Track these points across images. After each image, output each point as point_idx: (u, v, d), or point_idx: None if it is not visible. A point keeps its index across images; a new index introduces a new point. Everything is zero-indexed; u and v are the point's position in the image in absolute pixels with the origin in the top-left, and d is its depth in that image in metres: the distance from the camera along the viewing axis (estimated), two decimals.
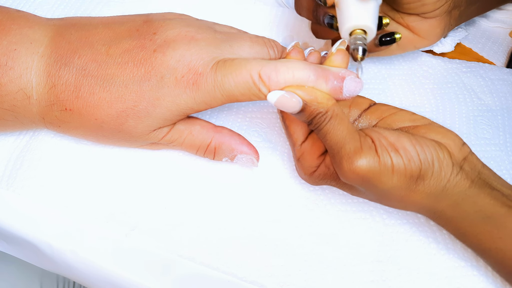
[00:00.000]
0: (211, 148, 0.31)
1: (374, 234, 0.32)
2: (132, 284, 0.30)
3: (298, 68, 0.26)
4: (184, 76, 0.27)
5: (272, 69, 0.26)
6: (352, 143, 0.26)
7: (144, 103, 0.27)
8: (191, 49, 0.28)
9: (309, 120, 0.26)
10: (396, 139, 0.27)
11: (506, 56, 0.44)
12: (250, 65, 0.27)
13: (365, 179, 0.26)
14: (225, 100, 0.28)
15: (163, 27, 0.29)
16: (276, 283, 0.30)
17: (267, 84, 0.26)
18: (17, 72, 0.27)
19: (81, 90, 0.27)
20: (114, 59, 0.28)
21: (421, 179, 0.26)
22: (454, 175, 0.27)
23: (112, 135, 0.29)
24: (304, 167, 0.30)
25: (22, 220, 0.30)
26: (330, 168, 0.29)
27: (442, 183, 0.27)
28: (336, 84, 0.26)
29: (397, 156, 0.26)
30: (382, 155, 0.26)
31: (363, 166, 0.25)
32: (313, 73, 0.26)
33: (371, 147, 0.26)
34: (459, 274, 0.31)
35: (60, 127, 0.29)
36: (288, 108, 0.26)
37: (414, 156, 0.26)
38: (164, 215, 0.31)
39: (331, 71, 0.27)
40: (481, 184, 0.27)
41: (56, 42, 0.29)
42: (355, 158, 0.26)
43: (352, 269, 0.31)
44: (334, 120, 0.26)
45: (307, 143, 0.29)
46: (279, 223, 0.32)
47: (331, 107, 0.26)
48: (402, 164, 0.26)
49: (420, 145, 0.27)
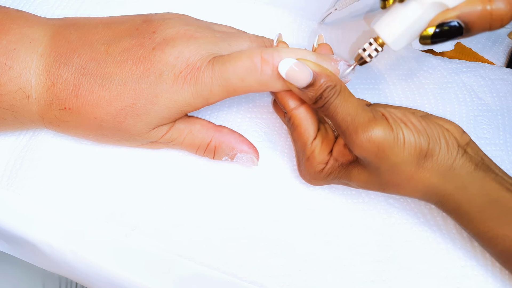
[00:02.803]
0: (211, 147, 0.31)
1: (374, 234, 0.32)
2: (132, 284, 0.30)
3: (298, 50, 0.28)
4: (182, 72, 0.27)
5: (274, 51, 0.27)
6: (365, 113, 0.26)
7: (142, 101, 0.27)
8: (190, 46, 0.28)
9: (319, 95, 0.27)
10: (403, 115, 0.27)
11: (506, 56, 0.44)
12: (250, 52, 0.27)
13: (380, 148, 0.26)
14: (223, 92, 0.28)
15: (162, 25, 0.29)
16: (276, 283, 0.30)
17: (271, 62, 0.27)
18: (17, 71, 0.27)
19: (80, 89, 0.27)
20: (114, 58, 0.28)
21: (430, 155, 0.27)
22: (459, 155, 0.27)
23: (111, 134, 0.29)
24: (313, 165, 0.30)
25: (22, 220, 0.30)
26: (338, 159, 0.29)
27: (449, 162, 0.27)
28: (334, 65, 0.28)
29: (407, 129, 0.26)
30: (395, 126, 0.26)
31: (379, 134, 0.26)
32: (312, 54, 0.28)
33: (383, 118, 0.27)
34: (459, 274, 0.31)
35: (59, 126, 0.29)
36: (299, 79, 0.26)
37: (421, 130, 0.27)
38: (164, 215, 0.31)
39: (327, 55, 0.28)
40: (485, 168, 0.28)
41: (55, 41, 0.29)
42: (370, 126, 0.26)
43: (352, 269, 0.31)
44: (343, 93, 0.26)
45: (317, 140, 0.30)
46: (279, 223, 0.32)
47: (339, 81, 0.27)
48: (413, 137, 0.26)
49: (425, 122, 0.27)
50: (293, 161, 0.34)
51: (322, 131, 0.30)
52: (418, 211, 0.33)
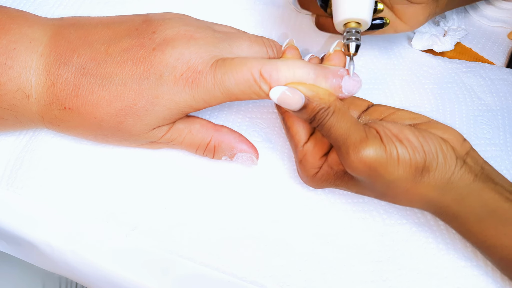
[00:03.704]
0: (211, 146, 0.31)
1: (374, 234, 0.32)
2: (132, 284, 0.30)
3: (298, 67, 0.27)
4: (183, 74, 0.27)
5: (273, 68, 0.27)
6: (358, 133, 0.26)
7: (143, 101, 0.27)
8: (190, 47, 0.28)
9: (312, 117, 0.26)
10: (399, 131, 0.27)
11: (506, 56, 0.44)
12: (251, 63, 0.27)
13: (372, 168, 0.26)
14: (225, 98, 0.28)
15: (162, 26, 0.29)
16: (276, 283, 0.30)
17: (268, 81, 0.27)
18: (16, 71, 0.27)
19: (80, 89, 0.27)
20: (113, 58, 0.28)
21: (426, 171, 0.26)
22: (458, 168, 0.27)
23: (111, 134, 0.29)
24: (307, 169, 0.30)
25: (22, 220, 0.30)
26: (333, 168, 0.29)
27: (447, 175, 0.27)
28: (335, 82, 0.27)
29: (402, 147, 0.26)
30: (388, 145, 0.26)
31: (370, 155, 0.25)
32: (312, 71, 0.27)
33: (376, 136, 0.26)
34: (459, 274, 0.31)
35: (59, 126, 0.29)
36: (291, 104, 0.26)
37: (418, 147, 0.26)
38: (164, 215, 0.31)
39: (330, 69, 0.27)
40: (484, 178, 0.27)
41: (55, 41, 0.29)
42: (362, 147, 0.26)
43: (352, 269, 0.31)
44: (337, 114, 0.26)
45: (309, 144, 0.29)
46: (279, 223, 0.32)
47: (333, 102, 0.26)
48: (407, 155, 0.26)
49: (423, 137, 0.27)
50: (293, 161, 0.34)
51: (317, 135, 0.30)
52: (418, 211, 0.33)
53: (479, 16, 0.46)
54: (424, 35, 0.41)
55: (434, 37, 0.41)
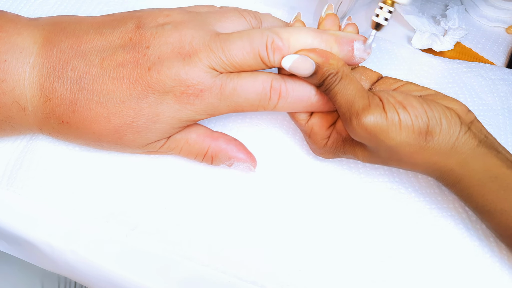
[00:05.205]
0: (208, 156, 0.31)
1: (374, 234, 0.32)
2: (132, 284, 0.30)
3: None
4: (184, 93, 0.27)
5: (282, 82, 0.28)
6: (361, 101, 0.27)
7: (143, 119, 0.27)
8: (185, 66, 0.27)
9: (321, 82, 0.28)
10: (404, 98, 0.28)
11: (506, 56, 0.44)
12: (262, 78, 0.28)
13: (372, 134, 0.27)
14: (230, 110, 0.28)
15: (156, 39, 0.27)
16: (276, 283, 0.30)
17: (279, 94, 0.28)
18: (10, 84, 0.26)
19: (77, 105, 0.27)
20: (109, 73, 0.27)
21: (430, 135, 0.27)
22: (462, 133, 0.28)
23: (110, 146, 0.29)
24: (317, 141, 0.31)
25: (22, 220, 0.30)
26: (342, 134, 0.30)
27: (451, 141, 0.27)
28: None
29: (404, 113, 0.27)
30: (389, 112, 0.27)
31: (370, 121, 0.27)
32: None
33: (378, 104, 0.27)
34: (459, 274, 0.31)
35: (58, 137, 0.29)
36: (302, 70, 0.27)
37: (421, 112, 0.27)
38: (164, 215, 0.31)
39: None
40: (488, 145, 0.28)
41: (46, 51, 0.27)
42: (363, 114, 0.27)
43: (352, 269, 0.31)
44: (344, 80, 0.27)
45: (314, 118, 0.30)
46: (279, 223, 0.32)
47: (341, 68, 0.27)
48: (410, 120, 0.27)
49: (427, 104, 0.28)
50: (293, 161, 0.34)
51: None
52: (419, 211, 0.33)
53: (479, 16, 0.46)
54: (424, 34, 0.41)
55: (434, 36, 0.41)
